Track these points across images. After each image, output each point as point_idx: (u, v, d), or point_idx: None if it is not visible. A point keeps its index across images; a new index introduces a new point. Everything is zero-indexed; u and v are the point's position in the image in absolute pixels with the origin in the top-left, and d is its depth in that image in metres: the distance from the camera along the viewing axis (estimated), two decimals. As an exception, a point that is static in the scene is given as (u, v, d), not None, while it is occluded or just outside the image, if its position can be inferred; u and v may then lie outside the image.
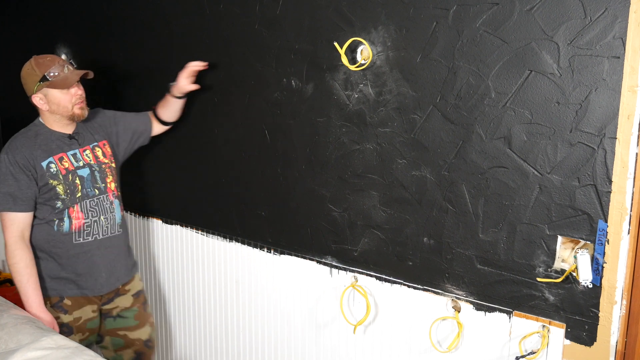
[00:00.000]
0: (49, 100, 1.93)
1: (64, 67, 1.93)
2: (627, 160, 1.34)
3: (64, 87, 1.91)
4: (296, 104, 1.93)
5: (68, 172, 1.98)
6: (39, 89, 1.91)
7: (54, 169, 1.95)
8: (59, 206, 1.95)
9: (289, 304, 2.07)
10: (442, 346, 1.70)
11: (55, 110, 1.95)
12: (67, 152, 2.00)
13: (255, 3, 1.97)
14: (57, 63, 1.92)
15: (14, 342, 1.82)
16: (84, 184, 2.00)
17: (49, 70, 1.90)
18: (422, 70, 1.62)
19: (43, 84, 1.90)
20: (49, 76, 1.90)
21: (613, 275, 1.40)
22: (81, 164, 2.02)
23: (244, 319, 2.23)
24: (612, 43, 1.32)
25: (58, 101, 1.93)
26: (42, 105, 1.94)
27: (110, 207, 2.07)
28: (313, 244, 1.98)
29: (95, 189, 2.03)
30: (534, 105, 1.45)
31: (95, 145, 2.08)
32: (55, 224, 1.97)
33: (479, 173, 1.57)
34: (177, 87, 2.11)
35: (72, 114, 1.97)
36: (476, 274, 1.62)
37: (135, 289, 2.22)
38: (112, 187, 2.09)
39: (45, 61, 1.92)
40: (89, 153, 2.05)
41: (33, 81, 1.91)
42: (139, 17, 2.38)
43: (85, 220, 2.00)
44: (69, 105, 1.95)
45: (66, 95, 1.93)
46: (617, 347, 1.43)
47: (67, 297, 2.03)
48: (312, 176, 1.93)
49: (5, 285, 3.28)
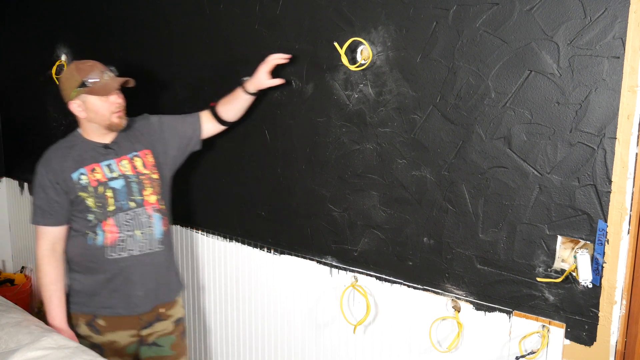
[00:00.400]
0: (87, 107, 1.82)
1: (104, 73, 1.83)
2: (627, 160, 1.34)
3: (102, 94, 1.81)
4: (296, 104, 1.93)
5: (99, 184, 1.86)
6: (77, 95, 1.81)
7: (84, 181, 1.84)
8: (90, 219, 1.85)
9: (289, 303, 2.07)
10: (442, 346, 1.70)
11: (93, 118, 1.84)
12: (100, 162, 1.87)
13: (255, 3, 1.97)
14: (97, 69, 1.83)
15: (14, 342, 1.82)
16: (117, 196, 1.87)
17: (89, 76, 1.80)
18: (422, 70, 1.62)
19: (81, 90, 1.80)
20: (88, 82, 1.80)
21: (613, 275, 1.40)
22: (115, 175, 1.88)
23: (244, 319, 2.23)
24: (612, 43, 1.32)
25: (96, 109, 1.82)
26: (79, 112, 1.84)
27: (148, 222, 1.91)
28: (313, 244, 1.98)
29: (130, 202, 1.89)
30: (534, 105, 1.45)
31: (135, 155, 1.93)
32: (89, 237, 1.86)
33: (479, 173, 1.57)
34: (255, 82, 1.91)
35: (110, 123, 1.85)
36: (476, 274, 1.62)
37: (177, 316, 2.05)
38: (152, 200, 1.92)
39: (85, 67, 1.82)
40: (126, 163, 1.91)
41: (71, 87, 1.81)
42: (139, 17, 2.38)
43: (120, 234, 1.87)
44: (107, 113, 1.83)
45: (105, 103, 1.82)
46: (617, 347, 1.43)
47: (100, 316, 1.91)
48: (312, 176, 1.93)
49: (6, 285, 3.28)
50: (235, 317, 2.26)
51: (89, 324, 1.92)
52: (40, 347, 1.75)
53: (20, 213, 3.33)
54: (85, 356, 1.69)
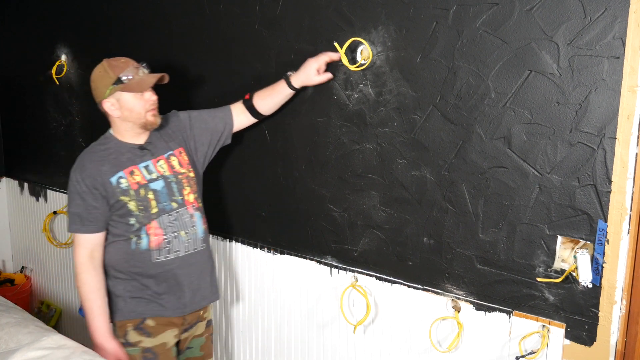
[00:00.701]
0: (122, 105, 1.75)
1: (139, 69, 1.77)
2: (626, 160, 1.34)
3: (139, 90, 1.74)
4: (296, 104, 1.93)
5: (140, 187, 1.79)
6: (111, 92, 1.73)
7: (125, 185, 1.77)
8: (132, 223, 1.78)
9: (289, 303, 2.07)
10: (442, 346, 1.70)
11: (128, 116, 1.77)
12: (138, 164, 1.80)
13: (255, 3, 1.97)
14: (131, 65, 1.76)
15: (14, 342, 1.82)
16: (159, 198, 1.81)
17: (123, 73, 1.73)
18: (422, 70, 1.62)
19: (116, 87, 1.72)
20: (123, 79, 1.72)
21: (613, 275, 1.40)
22: (154, 176, 1.82)
23: (244, 319, 2.23)
24: (612, 43, 1.32)
25: (131, 106, 1.75)
26: (113, 111, 1.76)
27: (190, 221, 1.86)
28: (313, 244, 1.98)
29: (172, 203, 1.83)
30: (533, 105, 1.45)
31: (171, 154, 1.87)
32: (133, 242, 1.79)
33: (479, 173, 1.57)
34: (302, 78, 1.82)
35: (145, 122, 1.78)
36: (476, 274, 1.62)
37: (209, 317, 2.03)
38: (191, 199, 1.87)
39: (119, 63, 1.75)
40: (163, 164, 1.84)
41: (105, 84, 1.73)
42: (139, 17, 2.38)
43: (165, 236, 1.80)
44: (142, 111, 1.76)
45: (140, 101, 1.75)
46: (617, 347, 1.43)
47: (149, 317, 1.84)
48: (312, 176, 1.93)
49: (6, 285, 3.28)
50: (235, 317, 2.26)
51: (137, 328, 1.84)
52: (40, 347, 1.75)
53: (21, 213, 3.33)
54: (85, 356, 1.69)
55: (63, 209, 2.96)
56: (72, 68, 2.75)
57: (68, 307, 3.12)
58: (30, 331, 1.88)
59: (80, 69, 2.71)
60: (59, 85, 2.82)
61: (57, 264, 3.13)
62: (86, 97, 2.72)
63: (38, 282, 3.32)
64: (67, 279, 3.09)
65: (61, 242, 3.02)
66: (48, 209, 3.07)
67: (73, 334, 3.08)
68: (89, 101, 2.76)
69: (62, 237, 3.04)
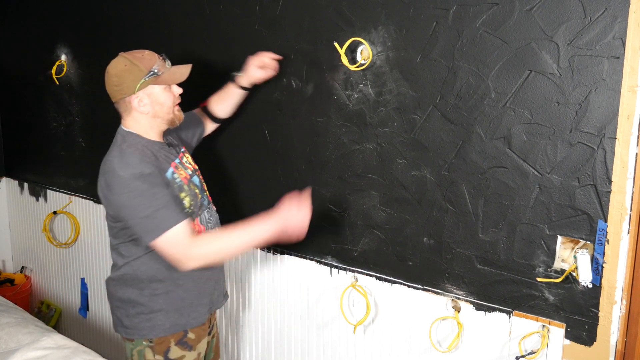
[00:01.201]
0: (153, 100, 1.62)
1: (165, 61, 1.67)
2: (627, 160, 1.34)
3: (174, 81, 1.64)
4: (296, 104, 1.93)
5: (188, 181, 1.70)
6: (142, 86, 1.59)
7: (179, 180, 1.66)
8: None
9: (289, 303, 2.07)
10: (442, 346, 1.70)
11: (159, 111, 1.64)
12: (175, 160, 1.70)
13: (255, 3, 1.97)
14: (157, 57, 1.65)
15: (14, 342, 1.82)
16: (200, 192, 1.74)
17: (154, 66, 1.61)
18: (422, 70, 1.62)
19: (149, 81, 1.59)
20: (156, 71, 1.61)
21: (613, 275, 1.40)
22: (190, 171, 1.74)
23: (244, 319, 2.23)
24: (612, 43, 1.32)
25: (163, 100, 1.63)
26: (142, 107, 1.62)
27: (217, 217, 1.81)
28: (313, 244, 1.98)
29: (206, 197, 1.76)
30: (534, 105, 1.45)
31: (183, 150, 1.80)
32: None
33: (479, 173, 1.57)
34: (248, 77, 1.85)
35: (173, 117, 1.68)
36: (476, 274, 1.62)
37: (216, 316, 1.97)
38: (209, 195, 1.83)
39: (144, 56, 1.63)
40: (187, 159, 1.78)
41: (135, 78, 1.58)
42: (139, 17, 2.38)
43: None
44: (172, 105, 1.66)
45: (170, 94, 1.65)
46: (617, 347, 1.43)
47: (190, 329, 1.73)
48: (312, 176, 1.93)
49: (6, 285, 3.28)
50: (235, 316, 2.26)
51: (180, 343, 1.71)
52: (40, 347, 1.75)
53: (21, 213, 3.33)
54: (85, 356, 1.70)
55: (63, 208, 2.96)
56: (72, 68, 2.75)
57: (68, 307, 3.12)
58: (30, 331, 1.88)
59: (80, 69, 2.71)
60: (59, 85, 2.82)
61: (57, 264, 3.13)
62: (86, 97, 2.72)
63: (38, 282, 3.32)
64: (67, 279, 3.09)
65: (61, 242, 3.02)
66: (48, 209, 3.07)
67: (73, 334, 3.09)
68: (89, 101, 2.77)
69: (62, 237, 3.04)
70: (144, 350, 1.69)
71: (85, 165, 2.82)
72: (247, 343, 2.23)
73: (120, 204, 1.56)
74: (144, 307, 1.67)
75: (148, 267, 1.66)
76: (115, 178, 1.55)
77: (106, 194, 1.59)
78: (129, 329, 1.69)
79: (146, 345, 1.68)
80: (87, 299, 2.95)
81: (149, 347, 1.68)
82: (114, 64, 1.64)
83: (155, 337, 1.68)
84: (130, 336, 1.70)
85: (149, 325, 1.67)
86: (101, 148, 2.70)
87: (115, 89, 1.63)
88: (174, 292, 1.69)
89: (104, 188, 1.60)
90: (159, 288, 1.67)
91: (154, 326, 1.68)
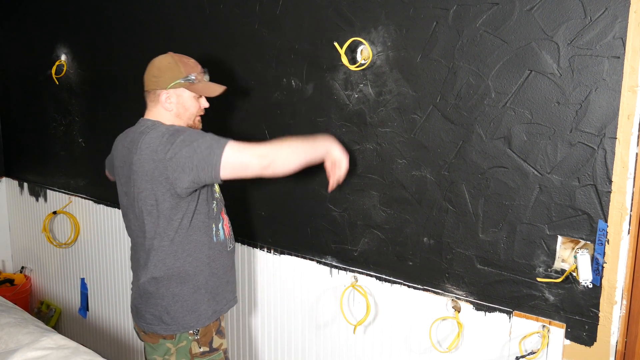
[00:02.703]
0: (179, 102, 1.71)
1: (204, 75, 1.76)
2: (627, 160, 1.34)
3: (204, 93, 1.74)
4: (296, 104, 1.93)
5: None
6: (175, 86, 1.69)
7: None
8: (213, 207, 1.74)
9: (289, 303, 2.07)
10: (442, 346, 1.70)
11: (181, 114, 1.72)
12: None
13: (255, 3, 1.97)
14: (199, 68, 1.74)
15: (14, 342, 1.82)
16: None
17: (194, 73, 1.71)
18: (422, 70, 1.62)
19: (182, 84, 1.69)
20: (193, 78, 1.70)
21: (613, 275, 1.40)
22: None
23: (244, 319, 2.23)
24: (612, 43, 1.32)
25: (188, 106, 1.72)
26: (167, 104, 1.70)
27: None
28: (313, 244, 1.98)
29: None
30: (534, 105, 1.45)
31: None
32: (213, 233, 1.73)
33: (479, 173, 1.57)
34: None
35: (192, 124, 1.76)
36: (476, 274, 1.62)
37: None
38: None
39: (189, 62, 1.73)
40: None
41: (173, 76, 1.68)
42: (139, 17, 2.38)
43: (229, 224, 1.83)
44: (195, 113, 1.75)
45: (196, 103, 1.74)
46: (617, 347, 1.43)
47: (222, 317, 1.80)
48: (312, 176, 1.93)
49: (5, 285, 3.28)
50: (235, 316, 2.26)
51: (218, 332, 1.79)
52: (40, 347, 1.75)
53: (20, 213, 3.33)
54: (85, 356, 1.70)
55: (63, 208, 2.96)
56: (72, 68, 2.75)
57: (68, 307, 3.12)
58: (30, 331, 1.88)
59: (80, 69, 2.71)
60: (59, 85, 2.82)
61: (57, 264, 3.13)
62: (86, 97, 2.72)
63: (38, 282, 3.32)
64: (67, 279, 3.09)
65: (61, 242, 3.02)
66: (48, 209, 3.07)
67: (73, 334, 3.09)
68: (89, 101, 2.77)
69: (62, 237, 3.04)
70: (189, 345, 1.71)
71: (85, 165, 2.82)
72: (247, 343, 2.23)
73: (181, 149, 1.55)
74: (188, 300, 1.70)
75: (190, 266, 1.69)
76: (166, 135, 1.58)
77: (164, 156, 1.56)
78: (171, 325, 1.69)
79: (192, 339, 1.71)
80: (87, 299, 2.95)
81: (195, 341, 1.71)
82: (161, 57, 1.73)
83: (202, 327, 1.71)
84: (173, 332, 1.69)
85: (194, 317, 1.70)
86: (101, 148, 2.71)
87: (152, 79, 1.71)
88: (211, 281, 1.73)
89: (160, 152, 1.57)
90: (200, 279, 1.71)
91: (199, 317, 1.71)
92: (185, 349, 1.71)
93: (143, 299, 1.72)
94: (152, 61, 1.73)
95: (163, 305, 1.69)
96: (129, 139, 1.70)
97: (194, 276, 1.70)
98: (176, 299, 1.69)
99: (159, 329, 1.70)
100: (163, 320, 1.69)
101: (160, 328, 1.70)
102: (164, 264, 1.67)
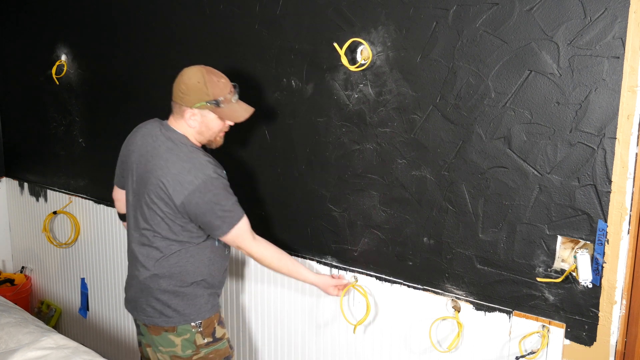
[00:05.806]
0: (203, 121, 1.72)
1: (234, 95, 1.75)
2: (627, 160, 1.34)
3: (229, 119, 1.75)
4: (296, 104, 1.93)
5: None
6: (201, 107, 1.69)
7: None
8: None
9: (289, 303, 2.07)
10: (442, 346, 1.70)
11: (204, 132, 1.75)
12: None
13: (255, 3, 1.97)
14: (229, 87, 1.73)
15: (14, 342, 1.82)
16: None
17: (222, 96, 1.70)
18: (422, 70, 1.62)
19: (208, 106, 1.69)
20: (220, 103, 1.70)
21: (613, 275, 1.40)
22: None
23: (244, 319, 2.23)
24: (612, 43, 1.32)
25: (212, 126, 1.74)
26: (192, 121, 1.72)
27: None
28: (313, 244, 1.98)
29: None
30: (533, 105, 1.45)
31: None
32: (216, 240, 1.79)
33: (479, 173, 1.57)
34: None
35: (213, 141, 1.80)
36: (476, 274, 1.62)
37: None
38: None
39: (219, 83, 1.70)
40: None
41: (199, 98, 1.68)
42: (140, 17, 2.38)
43: None
44: (217, 132, 1.77)
45: (220, 123, 1.75)
46: (617, 347, 1.43)
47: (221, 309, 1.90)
48: (312, 176, 1.93)
49: (6, 285, 3.28)
50: (235, 317, 2.26)
51: (220, 322, 1.86)
52: (40, 347, 1.75)
53: (21, 213, 3.33)
54: (85, 356, 1.70)
55: (63, 208, 2.96)
56: (72, 68, 2.75)
57: (68, 307, 3.12)
58: (30, 331, 1.88)
59: (80, 69, 2.71)
60: (59, 85, 2.82)
61: (57, 264, 3.13)
62: (86, 97, 2.72)
63: (38, 282, 3.33)
64: (67, 279, 3.09)
65: (61, 242, 3.02)
66: (48, 209, 3.07)
67: (73, 334, 3.09)
68: (89, 101, 2.77)
69: (62, 237, 3.04)
70: (193, 337, 1.77)
71: (85, 165, 2.82)
72: (247, 342, 2.23)
73: (205, 200, 1.66)
74: (188, 295, 1.76)
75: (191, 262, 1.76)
76: (200, 178, 1.66)
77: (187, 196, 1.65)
78: (172, 318, 1.75)
79: (195, 331, 1.77)
80: (87, 299, 2.95)
81: (199, 332, 1.77)
82: (191, 74, 1.70)
83: (203, 320, 1.78)
84: (175, 324, 1.75)
85: (195, 310, 1.77)
86: (101, 148, 2.71)
87: (179, 94, 1.71)
88: (209, 279, 1.80)
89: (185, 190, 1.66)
90: (199, 278, 1.78)
91: (200, 309, 1.78)
92: (190, 341, 1.76)
93: (144, 293, 1.78)
94: (182, 73, 1.71)
95: (164, 299, 1.75)
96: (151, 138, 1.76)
97: (194, 275, 1.77)
98: (177, 294, 1.75)
99: (161, 322, 1.76)
100: (164, 313, 1.76)
101: (162, 320, 1.76)
102: (167, 262, 1.74)
